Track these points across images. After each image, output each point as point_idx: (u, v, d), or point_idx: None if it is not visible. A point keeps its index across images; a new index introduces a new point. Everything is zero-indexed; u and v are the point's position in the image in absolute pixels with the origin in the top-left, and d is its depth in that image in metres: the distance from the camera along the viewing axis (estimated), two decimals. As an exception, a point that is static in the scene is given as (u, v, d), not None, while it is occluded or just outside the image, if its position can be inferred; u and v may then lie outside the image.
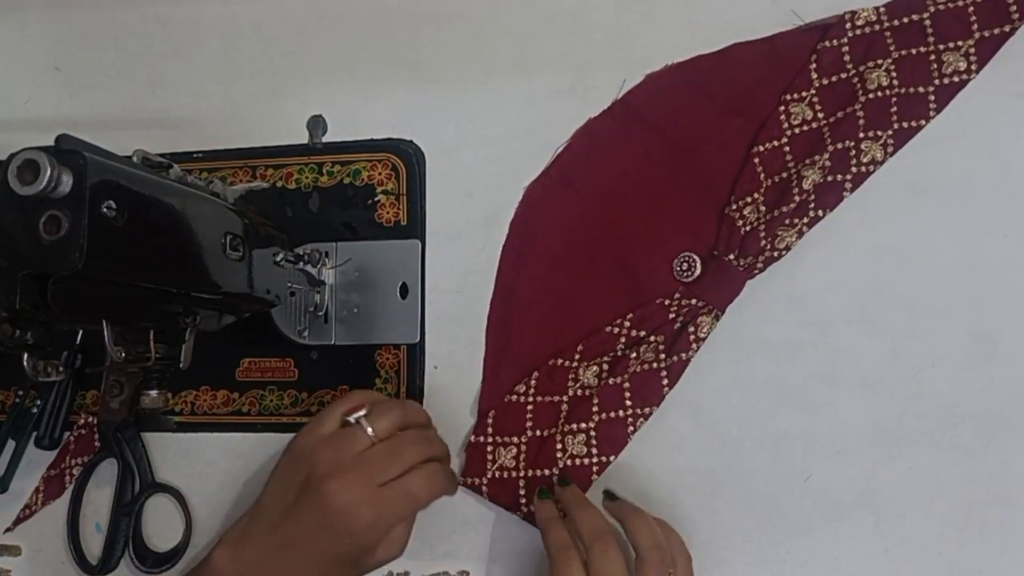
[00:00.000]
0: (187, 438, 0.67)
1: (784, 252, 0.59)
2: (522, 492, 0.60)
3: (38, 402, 0.67)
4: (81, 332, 0.66)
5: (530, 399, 0.61)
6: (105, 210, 0.40)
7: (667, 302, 0.60)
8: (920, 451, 0.58)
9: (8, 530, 0.68)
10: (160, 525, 0.66)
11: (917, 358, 0.58)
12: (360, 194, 0.66)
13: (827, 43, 0.60)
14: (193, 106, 0.71)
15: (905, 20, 0.60)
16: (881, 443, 0.58)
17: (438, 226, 0.65)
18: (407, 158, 0.66)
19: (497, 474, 0.60)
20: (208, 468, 0.66)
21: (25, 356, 0.42)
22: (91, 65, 0.73)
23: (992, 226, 0.59)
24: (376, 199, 0.66)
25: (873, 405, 0.59)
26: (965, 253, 0.59)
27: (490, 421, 0.61)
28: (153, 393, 0.51)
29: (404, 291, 0.65)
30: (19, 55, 0.74)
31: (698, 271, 0.60)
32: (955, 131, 0.59)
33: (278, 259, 0.56)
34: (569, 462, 0.59)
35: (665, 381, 0.59)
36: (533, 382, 0.61)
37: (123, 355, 0.45)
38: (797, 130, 0.60)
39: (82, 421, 0.68)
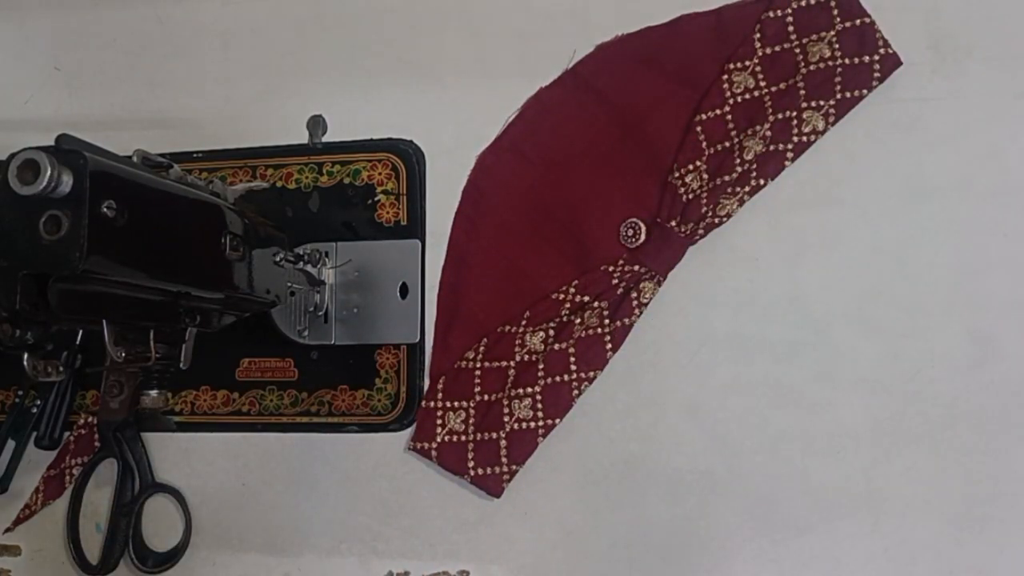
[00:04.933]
0: (187, 438, 0.67)
1: (725, 219, 0.60)
2: (471, 456, 0.61)
3: (38, 402, 0.67)
4: (81, 332, 0.66)
5: (478, 365, 0.62)
6: (105, 210, 0.40)
7: (611, 268, 0.61)
8: (919, 451, 0.58)
9: (8, 530, 0.68)
10: (160, 525, 0.66)
11: (916, 358, 0.59)
12: (360, 194, 0.66)
13: (771, 14, 0.61)
14: (193, 106, 0.71)
15: None
16: (880, 443, 0.58)
17: (438, 226, 0.65)
18: (407, 158, 0.66)
19: (447, 438, 0.61)
20: (208, 468, 0.66)
21: (25, 356, 0.42)
22: (91, 65, 0.73)
23: (991, 226, 0.59)
24: (376, 199, 0.66)
25: (872, 405, 0.59)
26: (964, 253, 0.59)
27: (440, 387, 0.62)
28: (153, 393, 0.51)
29: (404, 291, 0.65)
30: (19, 55, 0.74)
31: (643, 237, 0.61)
32: (954, 131, 0.60)
33: (278, 259, 0.56)
34: (516, 425, 0.61)
35: (609, 346, 0.60)
36: (482, 348, 0.62)
37: (123, 355, 0.45)
38: (739, 98, 0.61)
39: (82, 421, 0.68)
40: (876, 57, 0.59)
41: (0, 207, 0.39)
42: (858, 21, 0.59)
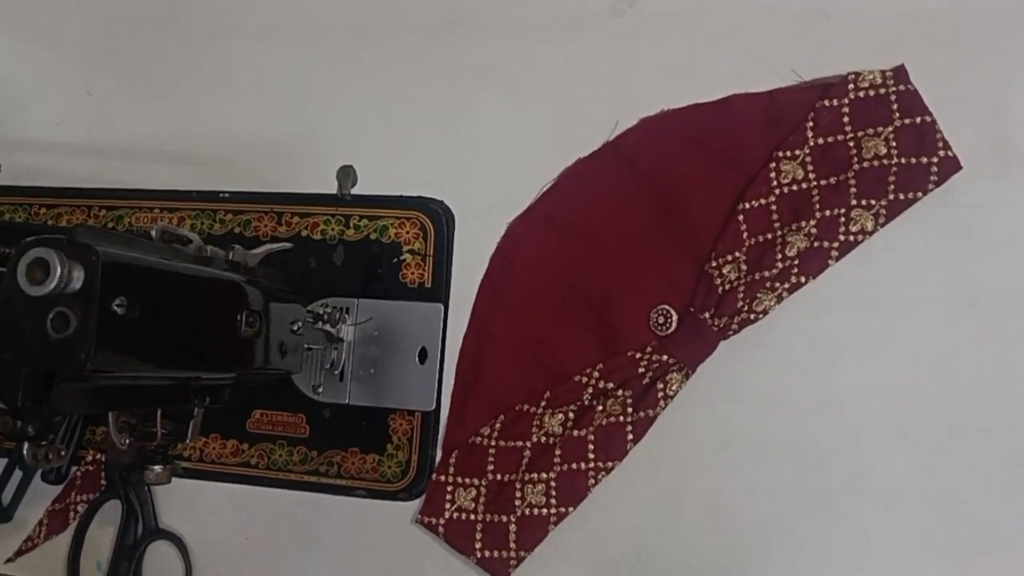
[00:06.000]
0: (193, 485, 0.66)
1: (761, 315, 0.57)
2: (478, 536, 0.59)
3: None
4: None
5: (493, 442, 0.60)
6: (116, 307, 0.38)
7: (638, 355, 0.59)
8: (949, 572, 0.55)
9: (9, 560, 0.67)
10: (161, 571, 0.65)
11: (951, 476, 0.56)
12: (386, 251, 0.64)
13: (827, 102, 0.58)
14: (223, 143, 0.69)
15: (911, 87, 0.57)
16: (907, 562, 0.56)
17: (463, 292, 0.63)
18: (436, 218, 0.64)
19: (455, 515, 0.60)
20: (213, 517, 0.65)
21: (25, 446, 0.40)
22: (123, 92, 0.72)
23: (1042, 344, 0.56)
24: (402, 258, 0.64)
25: (900, 521, 0.56)
26: (1010, 370, 0.56)
27: (452, 460, 0.61)
28: (157, 468, 0.50)
29: (423, 356, 0.63)
30: (52, 76, 0.73)
31: (674, 325, 0.59)
32: (1010, 241, 0.56)
33: (295, 328, 0.55)
34: (527, 511, 0.59)
35: (630, 436, 0.58)
36: (498, 425, 0.61)
37: (127, 442, 0.44)
38: (786, 189, 0.58)
39: (90, 457, 0.67)
40: (935, 159, 0.56)
41: (7, 300, 0.37)
42: (918, 119, 0.56)
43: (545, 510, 0.59)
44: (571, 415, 0.59)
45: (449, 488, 0.61)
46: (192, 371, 0.45)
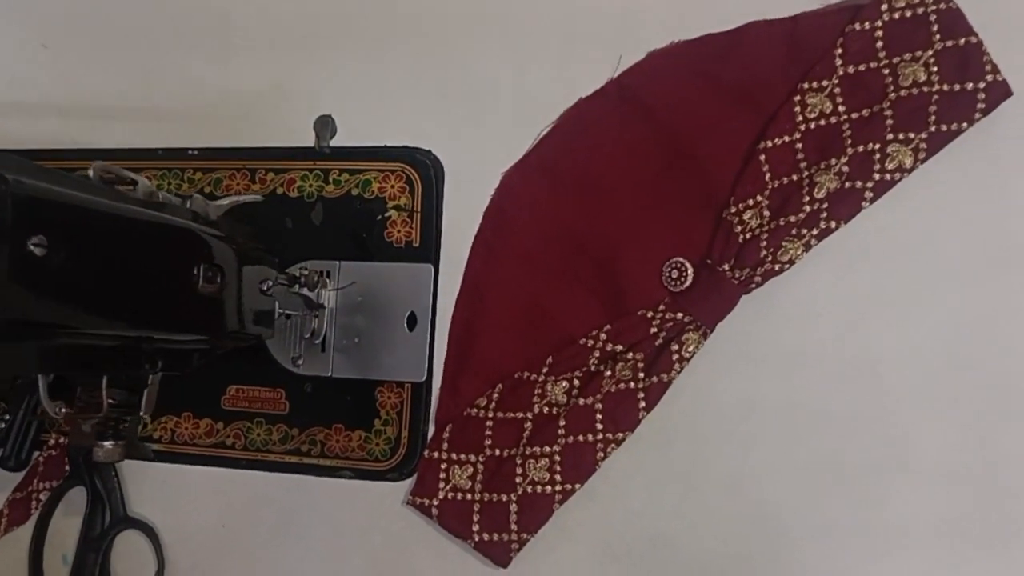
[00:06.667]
0: (165, 468, 0.61)
1: (787, 266, 0.52)
2: (476, 518, 0.54)
3: (6, 417, 0.61)
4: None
5: (490, 414, 0.55)
6: (33, 247, 0.32)
7: (649, 314, 0.53)
8: (998, 558, 0.50)
9: (-32, 553, 0.62)
10: (131, 563, 0.60)
11: (1003, 447, 0.50)
12: (369, 208, 0.59)
13: (857, 26, 0.52)
14: (190, 97, 0.63)
15: (953, 5, 0.51)
16: (951, 544, 0.50)
17: (454, 251, 0.58)
18: (424, 170, 0.58)
19: (450, 495, 0.55)
20: (186, 504, 0.60)
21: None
22: (82, 45, 0.66)
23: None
24: (386, 215, 0.58)
25: (944, 498, 0.50)
26: (1070, 326, 0.50)
27: (446, 435, 0.56)
28: (107, 445, 0.44)
29: (412, 322, 0.57)
30: (3, 28, 0.67)
31: (689, 280, 0.53)
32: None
33: (265, 288, 0.49)
34: (529, 488, 0.54)
35: (642, 404, 0.53)
36: (496, 395, 0.55)
37: (62, 411, 0.38)
38: (812, 124, 0.52)
39: (52, 441, 0.62)
40: (981, 85, 0.50)
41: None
42: (962, 40, 0.50)
43: (549, 488, 0.53)
44: (576, 382, 0.54)
45: (443, 466, 0.55)
46: (139, 329, 0.39)
